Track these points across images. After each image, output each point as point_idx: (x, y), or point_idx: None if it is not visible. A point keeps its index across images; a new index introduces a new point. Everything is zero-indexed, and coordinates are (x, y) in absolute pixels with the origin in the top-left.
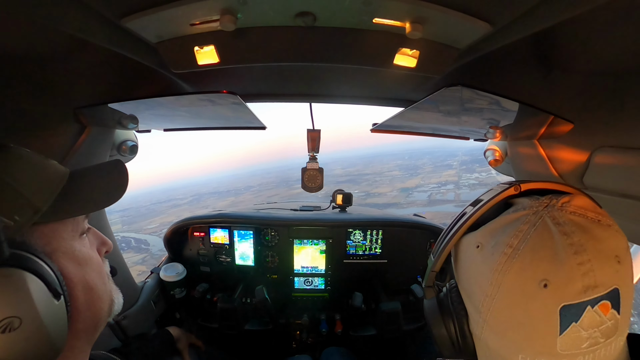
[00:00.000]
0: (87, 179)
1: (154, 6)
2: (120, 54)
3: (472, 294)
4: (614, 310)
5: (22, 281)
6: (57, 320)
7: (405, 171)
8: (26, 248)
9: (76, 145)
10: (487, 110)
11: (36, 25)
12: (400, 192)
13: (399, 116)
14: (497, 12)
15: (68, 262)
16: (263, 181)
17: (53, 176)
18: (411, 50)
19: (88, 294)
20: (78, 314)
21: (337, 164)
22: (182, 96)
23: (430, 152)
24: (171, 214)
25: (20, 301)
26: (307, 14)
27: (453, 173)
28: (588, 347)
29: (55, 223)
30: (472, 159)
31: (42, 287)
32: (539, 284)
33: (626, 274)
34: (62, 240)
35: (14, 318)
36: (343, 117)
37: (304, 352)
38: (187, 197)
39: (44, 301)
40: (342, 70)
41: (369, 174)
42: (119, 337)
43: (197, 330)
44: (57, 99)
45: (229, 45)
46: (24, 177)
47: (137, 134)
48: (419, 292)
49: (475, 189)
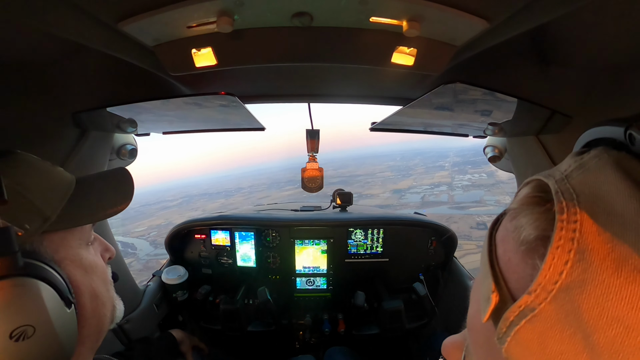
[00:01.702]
0: (93, 187)
1: (151, 9)
2: (117, 57)
3: None
4: None
5: (36, 290)
6: (68, 328)
7: (397, 172)
8: (36, 257)
9: (75, 150)
10: (486, 107)
11: (32, 31)
12: (393, 193)
13: (397, 114)
14: (494, 8)
15: (76, 270)
16: (254, 182)
17: (61, 183)
18: (408, 49)
19: (94, 301)
20: (84, 321)
21: (329, 165)
22: (181, 99)
23: (422, 153)
24: (160, 216)
25: (34, 310)
26: (303, 14)
27: (445, 174)
28: None
29: (64, 231)
30: (463, 160)
31: (55, 296)
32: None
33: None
34: (70, 248)
35: (28, 326)
36: (334, 117)
37: (307, 352)
38: (177, 198)
39: (56, 310)
40: (340, 69)
41: (361, 175)
42: (122, 341)
43: (200, 332)
44: (56, 104)
45: (227, 47)
46: (32, 184)
47: (136, 137)
48: (421, 290)
49: (469, 190)
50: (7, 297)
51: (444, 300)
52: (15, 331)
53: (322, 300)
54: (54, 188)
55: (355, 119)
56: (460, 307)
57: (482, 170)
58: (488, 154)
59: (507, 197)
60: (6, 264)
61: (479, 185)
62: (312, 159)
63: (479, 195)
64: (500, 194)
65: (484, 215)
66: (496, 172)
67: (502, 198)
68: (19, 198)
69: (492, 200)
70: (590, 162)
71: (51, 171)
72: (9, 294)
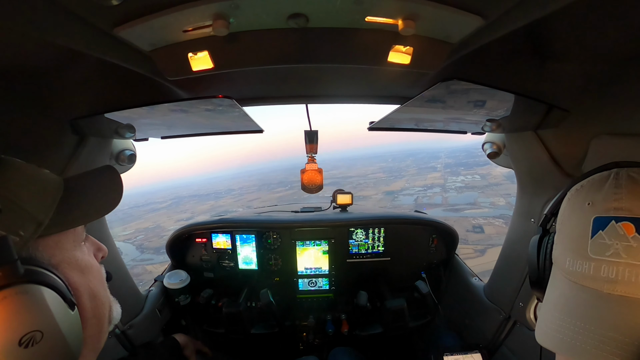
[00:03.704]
0: (82, 187)
1: (146, 14)
2: (114, 63)
3: (561, 227)
4: (638, 235)
5: (39, 295)
6: (74, 330)
7: (389, 173)
8: (34, 262)
9: (74, 156)
10: (484, 103)
11: (29, 39)
12: (386, 195)
13: (395, 113)
14: (489, 5)
15: (73, 272)
16: (245, 184)
17: (50, 186)
18: (405, 47)
19: (93, 301)
20: (86, 322)
21: (320, 167)
22: (178, 103)
23: (413, 154)
24: (148, 219)
25: (41, 315)
26: (299, 16)
27: (438, 176)
28: (611, 256)
29: (58, 234)
30: (456, 162)
31: (59, 300)
32: (587, 204)
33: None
34: (65, 250)
35: (36, 332)
36: (325, 118)
37: (311, 353)
38: (166, 200)
39: (61, 313)
40: (337, 70)
41: (353, 177)
42: (126, 347)
43: (204, 336)
44: (53, 111)
45: (223, 50)
46: (22, 189)
47: (134, 142)
48: (423, 288)
49: (463, 191)
50: (13, 305)
51: (447, 297)
52: (24, 337)
53: (324, 301)
54: (43, 191)
55: (345, 120)
56: (463, 304)
57: (475, 172)
58: (487, 150)
59: (501, 199)
60: (7, 272)
61: (472, 187)
62: (311, 159)
63: (473, 197)
64: (494, 195)
65: (479, 217)
66: (489, 174)
67: (496, 200)
68: (10, 204)
69: (486, 202)
70: None
71: (38, 174)
72: (14, 302)
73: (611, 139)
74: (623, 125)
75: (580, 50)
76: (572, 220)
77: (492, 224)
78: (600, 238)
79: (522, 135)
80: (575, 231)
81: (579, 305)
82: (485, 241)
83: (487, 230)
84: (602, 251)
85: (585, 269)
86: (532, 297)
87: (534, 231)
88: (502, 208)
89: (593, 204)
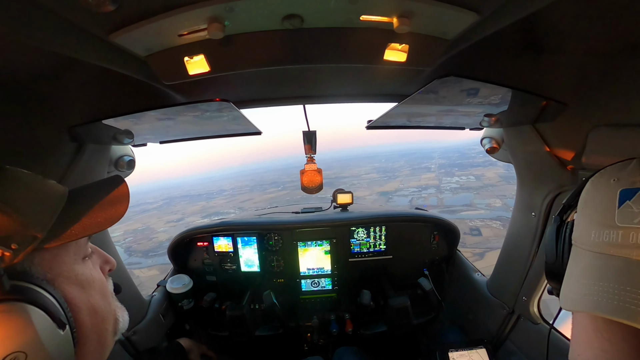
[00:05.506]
0: (87, 198)
1: (141, 19)
2: (110, 69)
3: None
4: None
5: (25, 315)
6: (63, 351)
7: (383, 174)
8: (26, 277)
9: (73, 164)
10: (481, 99)
11: (24, 47)
12: (380, 196)
13: (393, 111)
14: (483, 0)
15: (71, 287)
16: (237, 184)
17: (52, 197)
18: (400, 45)
19: (93, 317)
20: (84, 338)
21: None
22: (176, 107)
23: (406, 154)
24: (137, 220)
25: (24, 336)
26: (294, 17)
27: (432, 176)
28: (639, 223)
29: (57, 247)
30: (449, 162)
31: (46, 319)
32: (612, 180)
33: None
34: (63, 264)
35: (18, 353)
36: (319, 119)
37: (316, 353)
38: (157, 201)
39: (48, 333)
40: (334, 69)
41: (346, 177)
42: (130, 353)
43: (208, 340)
44: (51, 119)
45: (219, 54)
46: (20, 201)
47: (133, 148)
48: (426, 285)
49: (458, 192)
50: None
51: (450, 293)
52: (7, 358)
53: (328, 301)
54: (44, 202)
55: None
56: (466, 299)
57: (470, 172)
58: (485, 145)
59: (497, 200)
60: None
61: (467, 188)
62: (311, 160)
63: (469, 198)
64: (490, 197)
65: (476, 219)
66: (483, 175)
67: (492, 201)
68: (4, 216)
69: (482, 204)
70: None
71: (41, 185)
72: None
73: (610, 130)
74: (621, 117)
75: (575, 43)
76: (597, 198)
77: (489, 226)
78: (628, 207)
79: (520, 130)
80: (601, 205)
81: (610, 272)
82: (483, 244)
83: (485, 233)
84: (630, 219)
85: (612, 238)
86: (535, 291)
87: (535, 225)
88: (499, 210)
89: (618, 180)
